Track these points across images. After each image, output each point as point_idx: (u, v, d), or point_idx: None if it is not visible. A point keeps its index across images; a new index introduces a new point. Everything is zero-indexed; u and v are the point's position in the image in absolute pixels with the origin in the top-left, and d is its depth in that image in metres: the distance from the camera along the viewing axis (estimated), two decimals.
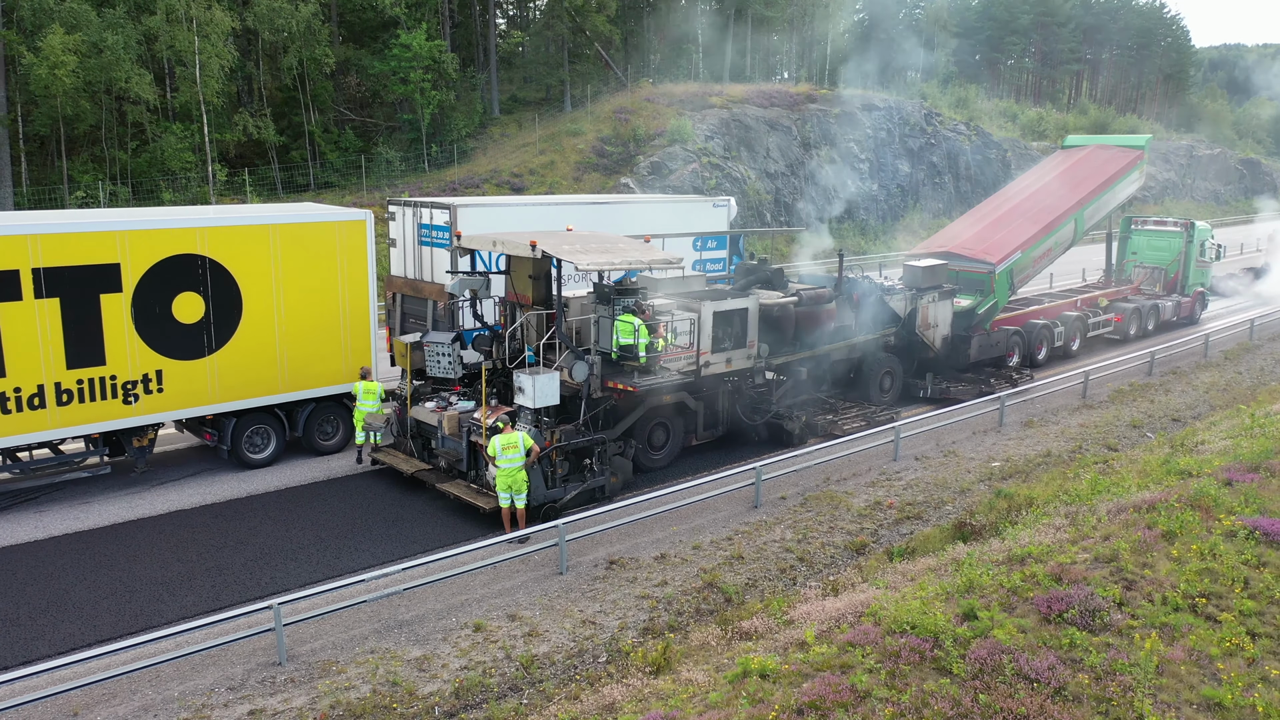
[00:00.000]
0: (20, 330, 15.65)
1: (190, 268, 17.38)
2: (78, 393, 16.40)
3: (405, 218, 22.40)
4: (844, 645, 10.74)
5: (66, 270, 16.06)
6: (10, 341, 15.59)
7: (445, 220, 21.24)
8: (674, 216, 25.69)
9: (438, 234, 21.50)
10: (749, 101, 54.12)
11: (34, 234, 15.74)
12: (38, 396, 15.99)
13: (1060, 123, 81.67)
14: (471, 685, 11.49)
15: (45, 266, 15.81)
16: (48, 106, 36.76)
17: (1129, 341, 31.99)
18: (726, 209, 27.21)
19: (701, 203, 27.67)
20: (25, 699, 10.38)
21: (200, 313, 17.61)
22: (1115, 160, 31.48)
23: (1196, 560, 11.50)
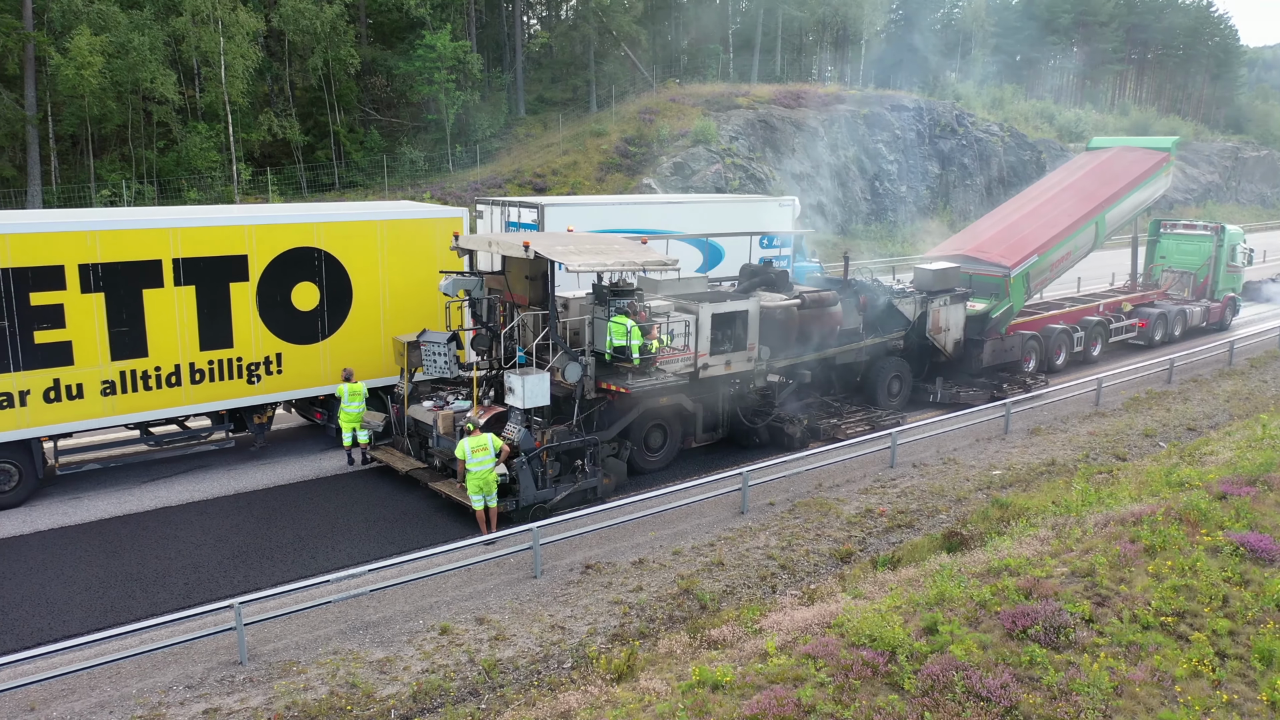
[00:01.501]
0: (161, 315, 17.26)
1: (308, 260, 18.90)
2: (209, 372, 17.98)
3: (493, 216, 23.90)
4: (802, 657, 10.52)
5: (202, 261, 17.67)
6: (152, 325, 17.18)
7: (533, 218, 22.75)
8: (742, 216, 26.75)
9: (524, 230, 22.86)
10: (775, 102, 53.70)
11: (175, 227, 17.34)
12: (175, 375, 17.57)
13: (1099, 124, 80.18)
14: (430, 689, 11.41)
15: (184, 257, 17.43)
16: (75, 106, 37.41)
17: (1154, 347, 31.21)
18: (791, 208, 28.07)
19: (768, 202, 28.76)
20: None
21: (316, 301, 19.12)
22: (1140, 162, 30.73)
23: (1175, 577, 11.11)
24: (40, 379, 16.15)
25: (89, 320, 16.52)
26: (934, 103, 60.88)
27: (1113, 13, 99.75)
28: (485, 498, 15.36)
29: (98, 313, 16.58)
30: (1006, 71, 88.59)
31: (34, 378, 16.11)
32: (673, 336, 18.69)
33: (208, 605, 11.95)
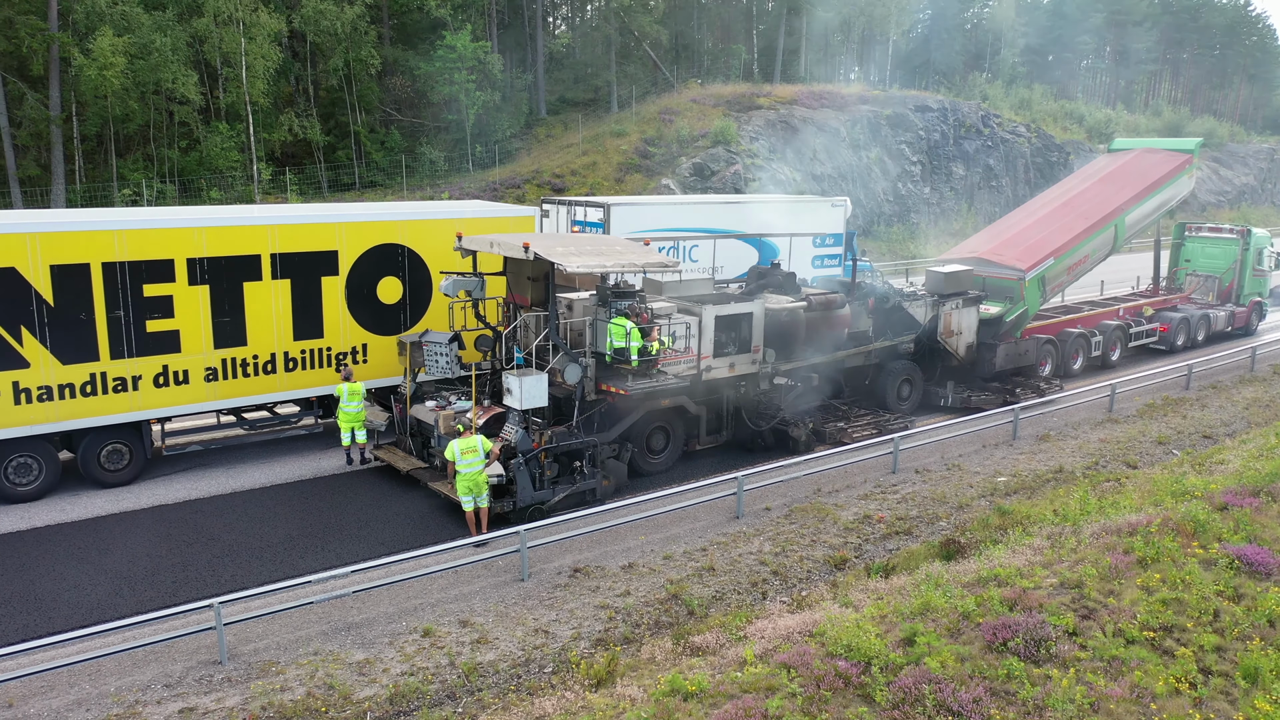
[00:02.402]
0: (259, 306, 18.44)
1: (392, 255, 19.90)
2: (301, 361, 19.12)
3: (559, 214, 24.86)
4: (777, 666, 10.37)
5: (297, 256, 18.79)
6: (251, 316, 18.36)
7: (599, 217, 23.78)
8: (796, 216, 27.67)
9: (590, 229, 23.92)
10: (797, 102, 53.37)
11: (274, 224, 18.58)
12: (270, 363, 18.75)
13: (1131, 124, 78.99)
14: (408, 691, 11.37)
15: (281, 252, 18.58)
16: (99, 107, 37.88)
17: (1176, 352, 30.63)
18: (843, 209, 29.01)
19: (820, 202, 29.54)
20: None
21: (399, 294, 20.19)
22: (1162, 164, 30.17)
23: (1165, 590, 10.82)
24: (151, 365, 17.43)
25: (195, 311, 17.79)
26: (959, 103, 60.23)
27: (1147, 12, 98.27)
28: (475, 499, 15.32)
29: (203, 304, 17.85)
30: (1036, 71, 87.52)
31: (145, 364, 17.39)
32: (674, 339, 18.56)
33: (189, 604, 11.96)
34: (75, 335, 16.60)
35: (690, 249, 25.74)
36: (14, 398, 16.22)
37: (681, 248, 25.48)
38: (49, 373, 16.51)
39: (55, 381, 16.57)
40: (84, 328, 16.67)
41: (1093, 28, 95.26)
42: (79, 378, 16.76)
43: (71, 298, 16.50)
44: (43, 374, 16.45)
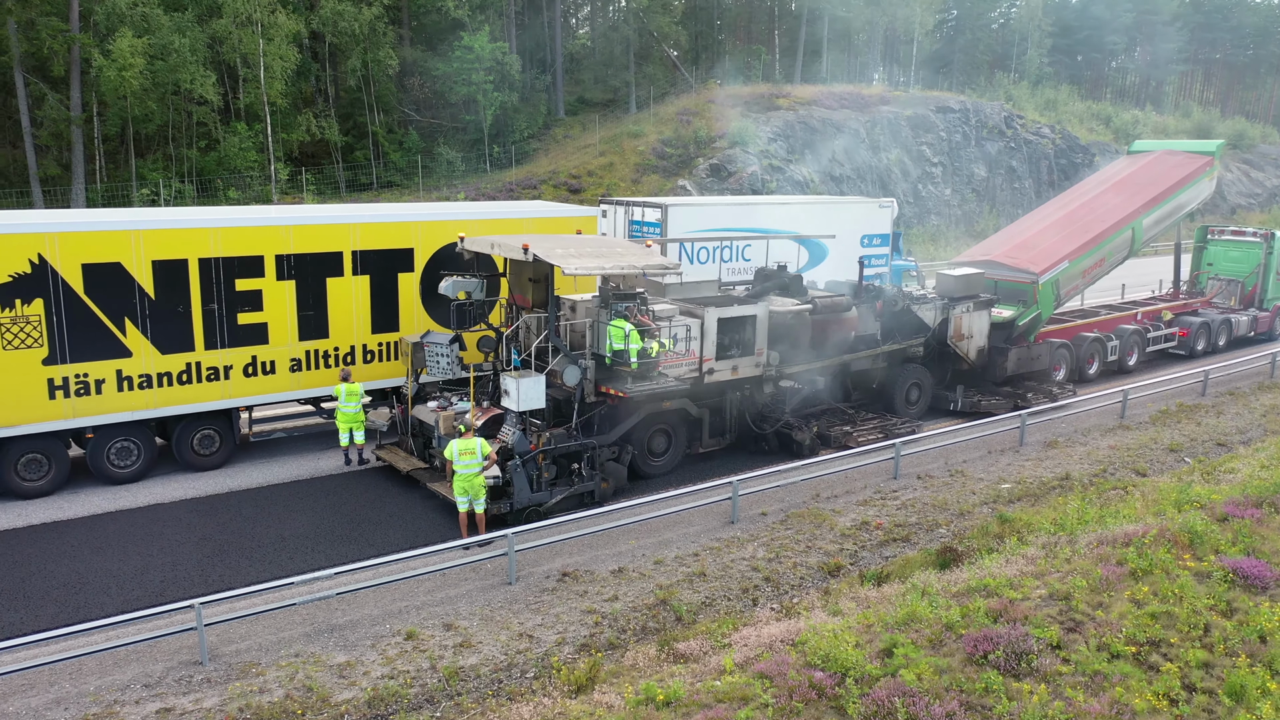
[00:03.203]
0: (341, 301, 19.34)
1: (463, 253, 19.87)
2: (378, 353, 20.04)
3: (616, 215, 25.49)
4: (756, 675, 10.22)
5: (375, 253, 19.67)
6: (333, 310, 19.27)
7: (657, 217, 24.45)
8: (844, 217, 28.43)
9: (648, 229, 24.59)
10: (817, 103, 53.02)
11: (355, 223, 19.58)
12: (350, 355, 19.65)
13: (1159, 125, 77.81)
14: (387, 695, 11.30)
15: (361, 249, 19.49)
16: (119, 107, 38.27)
17: (1196, 358, 30.09)
18: (890, 210, 29.81)
19: (869, 203, 30.22)
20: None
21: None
22: (1182, 166, 29.66)
23: (1155, 603, 10.56)
24: (241, 355, 18.39)
25: (282, 305, 18.67)
26: (981, 104, 59.59)
27: (1177, 11, 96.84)
28: (471, 501, 15.27)
29: (289, 298, 18.73)
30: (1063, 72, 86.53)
31: (236, 354, 18.36)
32: (675, 341, 18.43)
33: (172, 605, 11.97)
34: (173, 327, 17.67)
35: (743, 248, 26.24)
36: (117, 385, 17.27)
37: (735, 247, 26.08)
38: (149, 362, 17.55)
39: (154, 370, 17.62)
40: (181, 320, 17.74)
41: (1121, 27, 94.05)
42: (176, 367, 17.80)
43: (170, 292, 17.57)
44: (143, 363, 17.49)
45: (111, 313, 17.05)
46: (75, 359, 16.82)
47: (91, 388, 17.03)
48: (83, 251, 16.74)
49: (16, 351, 16.34)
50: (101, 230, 16.99)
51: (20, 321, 16.36)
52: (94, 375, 17.02)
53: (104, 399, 17.14)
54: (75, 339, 16.80)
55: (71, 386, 16.85)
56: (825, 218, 27.76)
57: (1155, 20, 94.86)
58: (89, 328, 16.92)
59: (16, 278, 16.25)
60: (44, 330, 16.52)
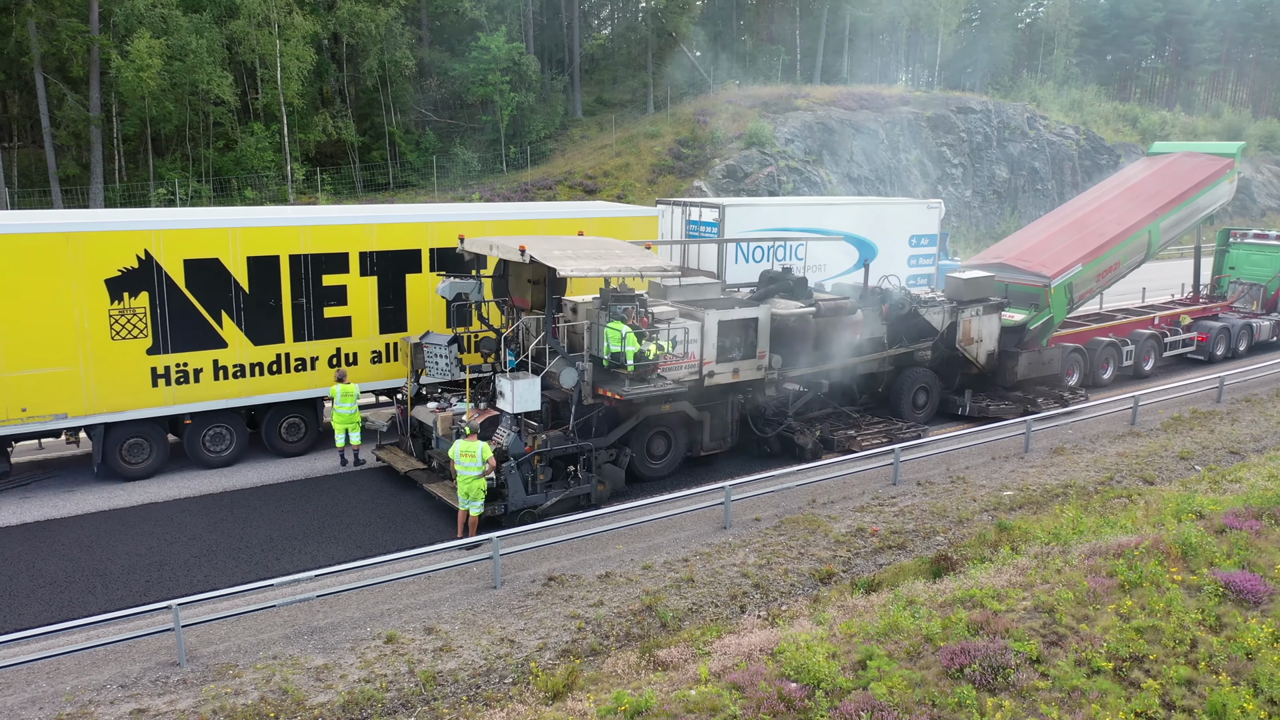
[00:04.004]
0: (418, 296, 20.12)
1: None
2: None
3: (673, 215, 26.05)
4: (728, 686, 10.05)
5: (449, 251, 19.89)
6: (411, 304, 20.09)
7: (714, 217, 24.95)
8: (894, 217, 29.37)
9: (705, 229, 25.25)
10: (836, 104, 52.63)
11: (432, 222, 20.55)
12: None
13: (1188, 126, 76.72)
14: (363, 699, 11.24)
15: (437, 247, 20.35)
16: (137, 107, 38.62)
17: (1215, 363, 29.50)
18: (938, 210, 30.56)
19: (917, 204, 31.04)
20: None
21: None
22: (1201, 169, 29.12)
23: (1142, 617, 10.29)
24: (327, 347, 19.27)
25: (364, 299, 19.54)
26: (1003, 104, 58.93)
27: (1208, 10, 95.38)
28: (470, 503, 15.21)
29: (371, 293, 19.62)
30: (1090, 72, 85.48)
31: (322, 346, 19.24)
32: (674, 343, 18.28)
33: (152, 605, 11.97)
34: (265, 319, 18.55)
35: (796, 247, 26.70)
36: (214, 374, 18.25)
37: (788, 246, 26.53)
38: (243, 352, 18.48)
39: (248, 360, 18.53)
40: (272, 313, 18.64)
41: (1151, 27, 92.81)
42: (267, 357, 18.67)
43: (263, 286, 18.48)
44: (238, 353, 18.44)
45: (209, 306, 18.07)
46: (176, 349, 17.85)
47: (190, 376, 18.04)
48: (184, 247, 17.74)
49: (124, 342, 17.33)
50: (202, 228, 18.01)
51: (127, 314, 17.35)
52: (192, 365, 18.04)
53: (201, 387, 18.15)
54: (176, 330, 17.81)
55: (172, 375, 17.87)
56: (875, 218, 28.67)
57: (1186, 19, 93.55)
58: (189, 320, 17.92)
59: (125, 272, 17.23)
60: (148, 322, 17.52)
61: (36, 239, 16.53)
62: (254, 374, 18.60)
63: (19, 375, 16.43)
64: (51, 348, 16.66)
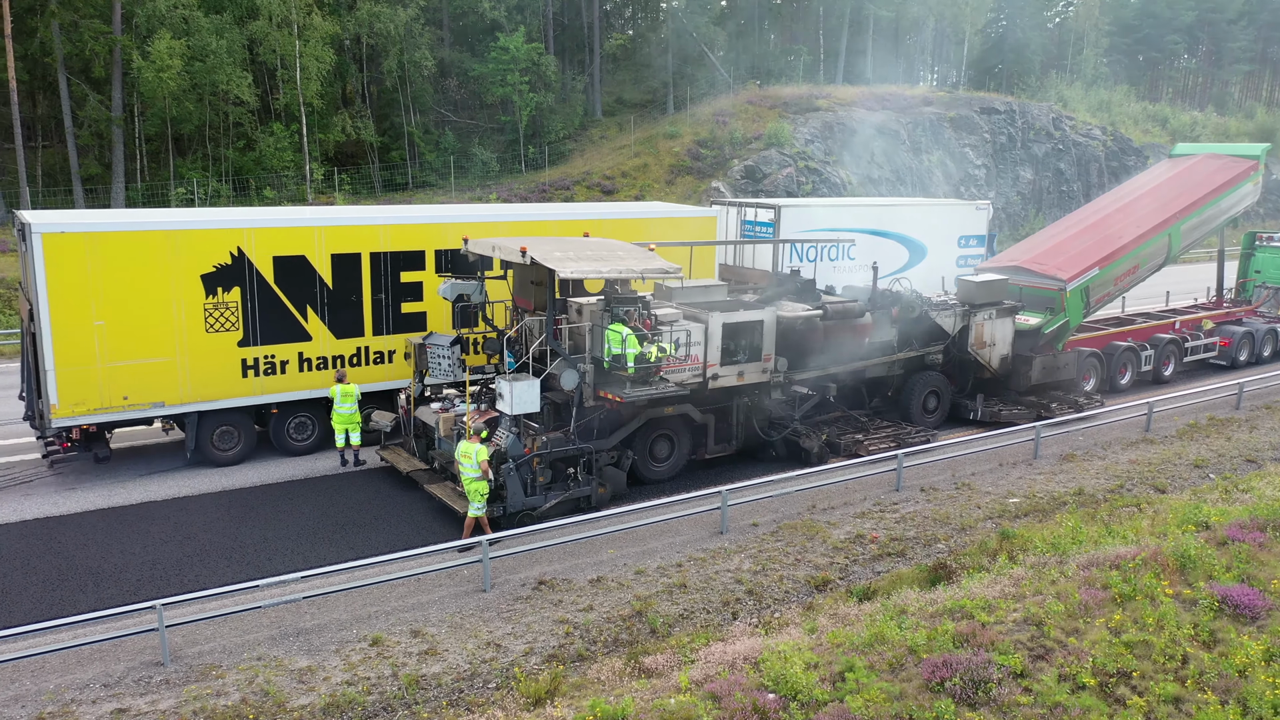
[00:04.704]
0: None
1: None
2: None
3: (728, 215, 26.47)
4: (706, 695, 9.90)
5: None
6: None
7: (770, 218, 25.55)
8: (944, 218, 29.88)
9: (760, 229, 25.76)
10: (857, 104, 52.20)
11: (501, 221, 21.46)
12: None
13: (1219, 127, 75.46)
14: (344, 702, 11.19)
15: None
16: (158, 108, 38.97)
17: (1238, 368, 28.95)
18: (986, 212, 30.92)
19: (966, 205, 31.74)
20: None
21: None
22: (1224, 171, 28.55)
23: (1133, 631, 10.02)
24: (403, 342, 19.66)
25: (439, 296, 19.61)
26: (1028, 105, 58.20)
27: (1242, 9, 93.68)
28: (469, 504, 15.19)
29: None
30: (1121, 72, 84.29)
31: (399, 340, 19.88)
32: (677, 346, 18.14)
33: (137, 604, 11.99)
34: (347, 314, 19.36)
35: (848, 247, 27.14)
36: (298, 366, 19.05)
37: (840, 246, 27.00)
38: (326, 345, 19.30)
39: (330, 353, 19.35)
40: (354, 308, 19.45)
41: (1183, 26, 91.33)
42: (348, 350, 19.47)
43: (345, 282, 19.28)
44: (321, 346, 19.26)
45: (296, 300, 18.90)
46: (265, 341, 18.69)
47: (277, 368, 18.88)
48: (274, 245, 18.57)
49: (217, 334, 18.23)
50: (290, 226, 18.91)
51: (221, 307, 18.25)
52: (279, 357, 18.86)
53: (287, 378, 18.96)
54: (265, 324, 18.65)
55: (261, 366, 18.72)
56: (924, 219, 29.26)
57: (1219, 18, 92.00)
58: (277, 314, 18.76)
59: (219, 268, 18.13)
60: (240, 315, 18.40)
61: (141, 237, 17.46)
62: (335, 366, 19.31)
63: (122, 365, 17.31)
64: (151, 340, 17.55)
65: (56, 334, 16.71)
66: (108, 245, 17.04)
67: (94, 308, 16.94)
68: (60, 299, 16.64)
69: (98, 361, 17.09)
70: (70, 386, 16.93)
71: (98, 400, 17.25)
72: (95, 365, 17.07)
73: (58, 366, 16.82)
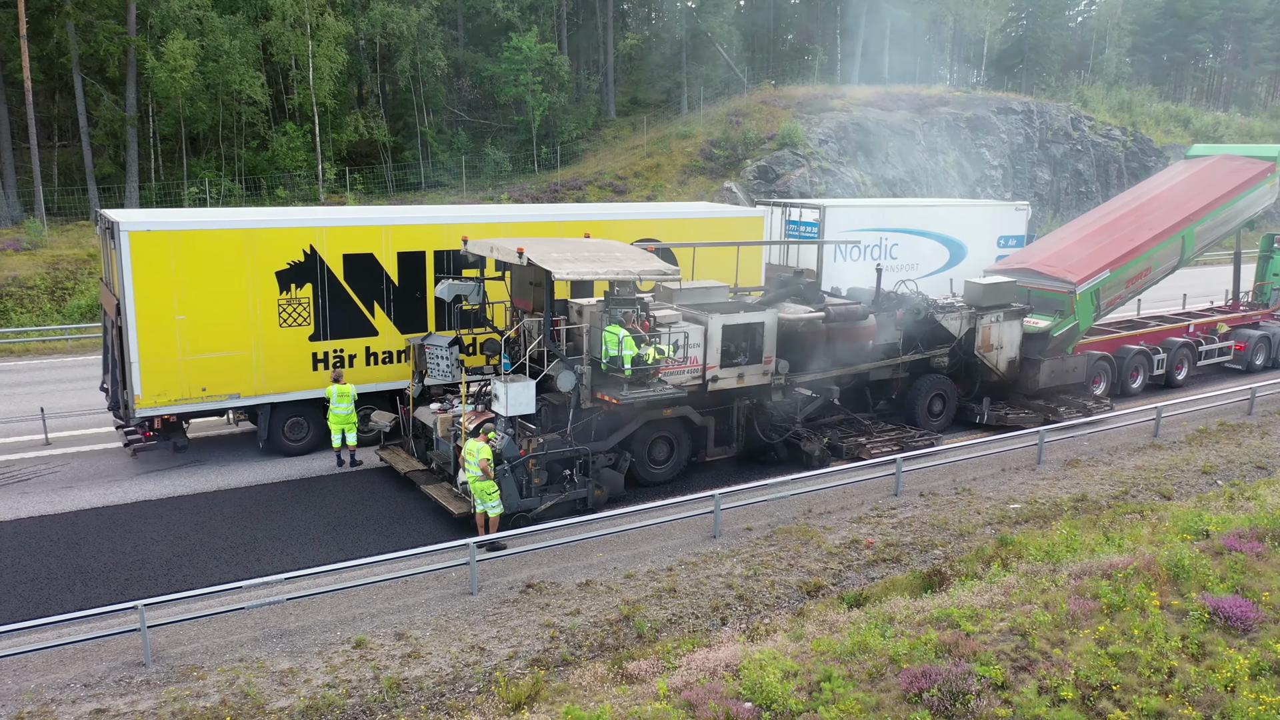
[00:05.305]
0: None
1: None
2: None
3: (774, 216, 26.72)
4: (682, 703, 9.77)
5: None
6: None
7: (814, 218, 25.91)
8: (985, 219, 30.27)
9: (805, 229, 26.21)
10: (872, 104, 51.84)
11: (561, 220, 22.20)
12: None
13: (1243, 127, 74.46)
14: (324, 704, 11.14)
15: None
16: (172, 108, 39.22)
17: (1254, 372, 28.49)
18: (1025, 213, 31.30)
19: (1005, 206, 31.92)
20: None
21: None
22: (1240, 172, 28.07)
23: (1120, 642, 9.80)
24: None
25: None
26: (1047, 105, 57.61)
27: (1268, 8, 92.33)
28: (485, 505, 15.12)
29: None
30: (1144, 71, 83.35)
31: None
32: (676, 348, 18.02)
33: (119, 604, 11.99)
34: (411, 310, 19.92)
35: (891, 246, 27.54)
36: (365, 359, 19.79)
37: (883, 245, 27.39)
38: (391, 340, 19.96)
39: (395, 348, 19.97)
40: (417, 304, 20.04)
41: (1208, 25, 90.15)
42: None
43: (410, 279, 19.85)
44: (386, 341, 19.93)
45: (364, 297, 19.55)
46: (334, 336, 19.41)
47: (345, 361, 19.52)
48: (344, 243, 19.27)
49: (290, 329, 18.92)
50: (360, 225, 19.66)
51: (294, 303, 18.93)
52: (348, 350, 19.54)
53: (354, 372, 19.57)
54: (335, 319, 19.34)
55: (330, 360, 19.39)
56: (965, 219, 29.68)
57: (1244, 17, 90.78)
58: (346, 309, 19.46)
59: (292, 265, 18.82)
60: (311, 311, 19.09)
61: (221, 235, 18.18)
62: (400, 360, 19.83)
63: (201, 358, 18.07)
64: (229, 334, 18.25)
65: (141, 328, 17.44)
66: (189, 243, 17.78)
67: (176, 303, 17.68)
68: (145, 295, 17.37)
69: (179, 354, 17.88)
70: (153, 378, 17.69)
71: (178, 391, 18.02)
72: (176, 358, 17.87)
73: (142, 359, 17.57)
